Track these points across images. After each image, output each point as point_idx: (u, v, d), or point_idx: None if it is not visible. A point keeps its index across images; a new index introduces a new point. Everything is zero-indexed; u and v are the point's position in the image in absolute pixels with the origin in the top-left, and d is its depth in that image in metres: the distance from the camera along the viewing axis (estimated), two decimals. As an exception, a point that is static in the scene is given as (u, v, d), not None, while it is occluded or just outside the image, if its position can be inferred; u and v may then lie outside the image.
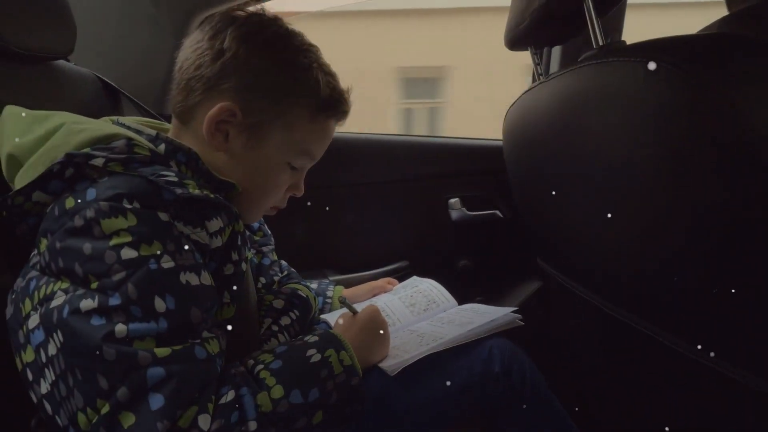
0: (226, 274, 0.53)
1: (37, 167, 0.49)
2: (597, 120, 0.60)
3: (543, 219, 0.92)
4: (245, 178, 0.58)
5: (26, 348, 0.45)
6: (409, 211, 1.32)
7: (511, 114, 0.94)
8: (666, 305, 0.60)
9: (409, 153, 1.31)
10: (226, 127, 0.57)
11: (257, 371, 0.50)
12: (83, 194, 0.45)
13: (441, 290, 0.92)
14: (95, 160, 0.46)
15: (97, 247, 0.43)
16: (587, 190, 0.68)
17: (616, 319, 0.74)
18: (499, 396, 0.66)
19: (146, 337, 0.42)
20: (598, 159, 0.62)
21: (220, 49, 0.56)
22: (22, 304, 0.46)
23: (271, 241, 0.82)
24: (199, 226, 0.49)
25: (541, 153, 0.80)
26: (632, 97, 0.52)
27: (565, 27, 0.79)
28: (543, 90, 0.77)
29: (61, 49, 0.72)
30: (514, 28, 0.84)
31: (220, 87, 0.56)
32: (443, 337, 0.69)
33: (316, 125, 0.61)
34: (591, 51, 0.67)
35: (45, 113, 0.54)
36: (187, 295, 0.45)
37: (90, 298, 0.42)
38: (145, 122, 0.62)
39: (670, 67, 0.45)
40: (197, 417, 0.42)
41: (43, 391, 0.44)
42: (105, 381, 0.41)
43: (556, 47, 1.26)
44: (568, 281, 0.91)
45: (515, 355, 0.68)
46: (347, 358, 0.55)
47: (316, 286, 0.92)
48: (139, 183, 0.46)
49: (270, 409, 0.46)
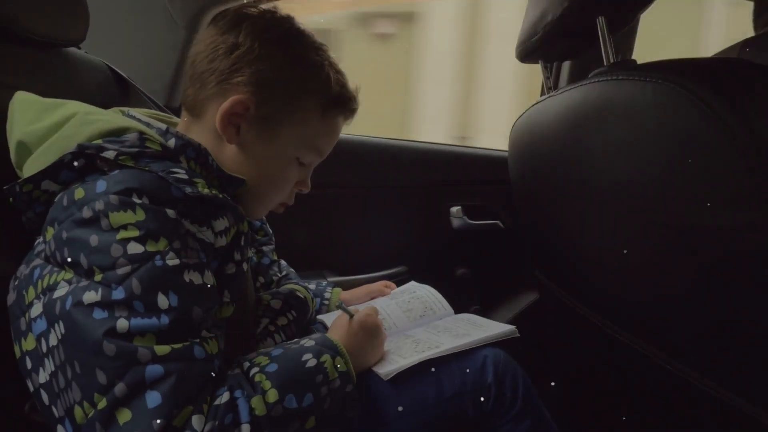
0: (227, 273, 0.53)
1: (47, 156, 0.49)
2: (605, 136, 0.60)
3: (544, 231, 0.92)
4: (255, 172, 0.59)
5: (27, 336, 0.44)
6: (410, 217, 1.32)
7: (518, 126, 0.94)
8: (665, 327, 0.60)
9: (413, 159, 1.31)
10: (239, 120, 0.57)
11: (253, 374, 0.50)
12: (93, 186, 0.45)
13: (438, 297, 0.92)
14: (106, 153, 0.46)
15: (103, 239, 0.43)
16: (590, 205, 0.68)
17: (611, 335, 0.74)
18: (490, 406, 0.66)
19: (147, 334, 0.42)
20: (604, 174, 0.62)
21: (234, 43, 0.56)
22: (25, 292, 0.46)
23: (272, 240, 0.82)
24: (205, 225, 0.49)
25: (546, 165, 0.80)
26: (641, 116, 0.52)
27: (577, 42, 0.79)
28: (552, 103, 0.77)
29: (73, 36, 0.72)
30: (525, 40, 0.84)
31: (233, 80, 0.56)
32: (439, 346, 0.69)
33: (326, 121, 0.62)
34: (601, 68, 0.68)
35: (56, 101, 0.54)
36: (190, 293, 0.45)
37: (93, 291, 0.42)
38: (155, 115, 0.63)
39: (680, 89, 0.45)
40: (191, 417, 0.42)
41: (41, 381, 0.43)
42: (103, 376, 0.40)
43: (565, 62, 1.27)
44: (565, 295, 0.91)
45: (509, 366, 0.68)
46: (342, 364, 0.55)
47: (314, 287, 0.92)
48: (150, 178, 0.46)
49: (264, 412, 0.46)
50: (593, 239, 0.71)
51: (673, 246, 0.52)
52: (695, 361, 0.57)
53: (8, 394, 0.49)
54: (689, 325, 0.56)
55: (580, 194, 0.70)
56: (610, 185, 0.61)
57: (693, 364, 0.58)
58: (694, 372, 0.57)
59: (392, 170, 1.29)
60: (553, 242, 0.89)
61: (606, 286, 0.73)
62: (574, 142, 0.68)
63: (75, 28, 0.72)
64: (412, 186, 1.31)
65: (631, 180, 0.56)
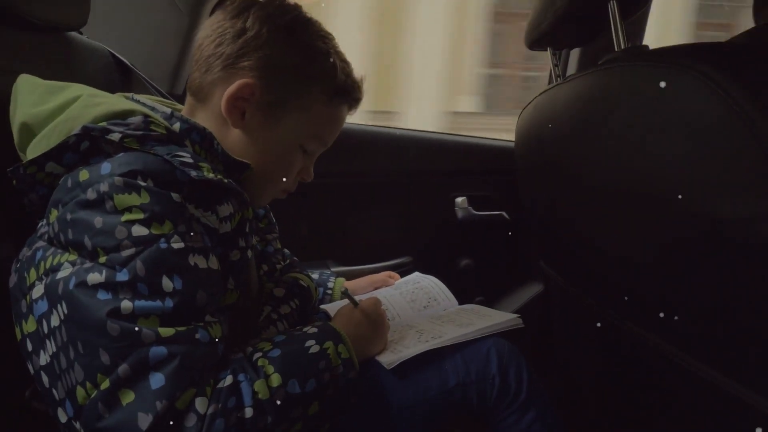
0: (232, 260, 0.53)
1: (51, 138, 0.48)
2: (616, 124, 0.59)
3: (550, 222, 0.91)
4: (258, 157, 0.59)
5: (28, 318, 0.45)
6: (414, 207, 1.31)
7: (525, 114, 0.93)
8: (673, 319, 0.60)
9: (418, 149, 1.30)
10: (244, 105, 0.57)
11: (256, 359, 0.50)
12: (98, 168, 0.45)
13: (442, 288, 0.92)
14: (112, 135, 0.46)
15: (108, 221, 0.43)
16: (599, 196, 0.67)
17: (616, 326, 0.74)
18: (494, 396, 0.66)
19: (151, 315, 0.42)
20: (614, 164, 0.61)
21: (242, 28, 0.56)
22: (26, 274, 0.46)
23: (276, 229, 0.82)
24: (209, 210, 0.49)
25: (554, 154, 0.79)
26: (655, 103, 0.51)
27: (587, 29, 0.78)
28: (560, 91, 0.76)
29: (74, 21, 0.72)
30: (535, 27, 0.82)
31: (240, 64, 0.56)
32: (442, 335, 0.69)
33: (331, 110, 0.62)
34: (613, 54, 0.66)
35: (61, 84, 0.54)
36: (194, 277, 0.45)
37: (97, 272, 0.42)
38: (158, 100, 0.62)
39: (698, 75, 0.44)
40: (195, 399, 0.42)
41: (42, 363, 0.44)
42: (107, 356, 0.40)
43: (574, 51, 1.25)
44: (570, 286, 0.90)
45: (513, 357, 0.68)
46: (345, 351, 0.55)
47: (318, 277, 0.92)
48: (155, 161, 0.46)
49: (267, 396, 0.46)
50: (601, 230, 0.70)
51: (687, 237, 0.51)
52: (704, 354, 0.57)
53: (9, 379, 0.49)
54: (699, 318, 0.55)
55: (588, 185, 0.69)
56: (620, 175, 0.60)
57: (701, 357, 0.57)
58: (702, 364, 0.57)
59: (397, 160, 1.29)
60: (559, 233, 0.88)
61: (613, 278, 0.72)
62: (583, 130, 0.67)
63: (76, 12, 0.71)
64: (417, 176, 1.31)
65: (643, 170, 0.55)
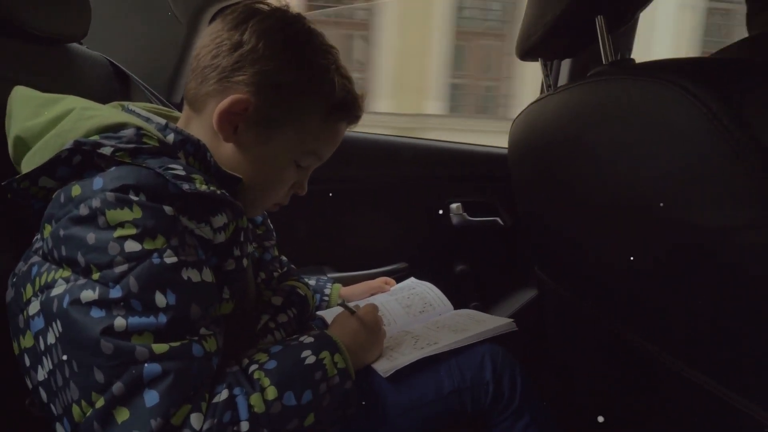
0: (227, 269, 0.53)
1: (44, 152, 0.48)
2: (604, 135, 0.61)
3: (543, 229, 0.92)
4: (251, 172, 0.58)
5: (25, 333, 0.44)
6: (409, 213, 1.32)
7: (517, 123, 0.94)
8: (665, 324, 0.61)
9: (414, 155, 1.31)
10: (237, 120, 0.56)
11: (252, 371, 0.50)
12: (90, 183, 0.45)
13: (438, 294, 0.93)
14: (103, 149, 0.46)
15: (100, 237, 0.43)
16: (589, 203, 0.68)
17: (610, 332, 0.75)
18: (489, 402, 0.66)
19: (144, 332, 0.42)
20: (603, 173, 0.62)
21: (238, 41, 0.55)
22: (23, 289, 0.45)
23: (274, 236, 0.82)
24: (203, 222, 0.49)
25: (545, 162, 0.81)
26: (639, 115, 0.53)
27: (576, 41, 0.80)
28: (551, 102, 0.77)
29: (75, 32, 0.72)
30: (526, 39, 0.84)
31: (235, 78, 0.55)
32: (438, 341, 0.70)
33: (327, 127, 0.61)
34: (600, 67, 0.68)
35: (55, 96, 0.54)
36: (188, 291, 0.45)
37: (91, 289, 0.42)
38: (155, 109, 0.62)
39: (678, 89, 0.46)
40: (190, 415, 0.42)
41: (39, 378, 0.43)
42: (101, 375, 0.40)
43: (565, 61, 1.26)
44: (564, 292, 0.92)
45: (507, 363, 0.69)
46: (341, 361, 0.55)
47: (314, 283, 0.92)
48: (147, 175, 0.45)
49: (263, 410, 0.46)
50: (592, 237, 0.72)
51: (674, 245, 0.52)
52: (696, 359, 0.58)
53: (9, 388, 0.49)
54: (690, 323, 0.56)
55: (578, 194, 0.70)
56: (609, 184, 0.61)
57: (694, 362, 0.58)
58: (695, 370, 0.58)
59: (392, 166, 1.30)
60: (552, 239, 0.90)
61: (605, 284, 0.73)
62: (574, 140, 0.68)
63: (77, 24, 0.72)
64: (412, 182, 1.32)
65: (629, 179, 0.56)
